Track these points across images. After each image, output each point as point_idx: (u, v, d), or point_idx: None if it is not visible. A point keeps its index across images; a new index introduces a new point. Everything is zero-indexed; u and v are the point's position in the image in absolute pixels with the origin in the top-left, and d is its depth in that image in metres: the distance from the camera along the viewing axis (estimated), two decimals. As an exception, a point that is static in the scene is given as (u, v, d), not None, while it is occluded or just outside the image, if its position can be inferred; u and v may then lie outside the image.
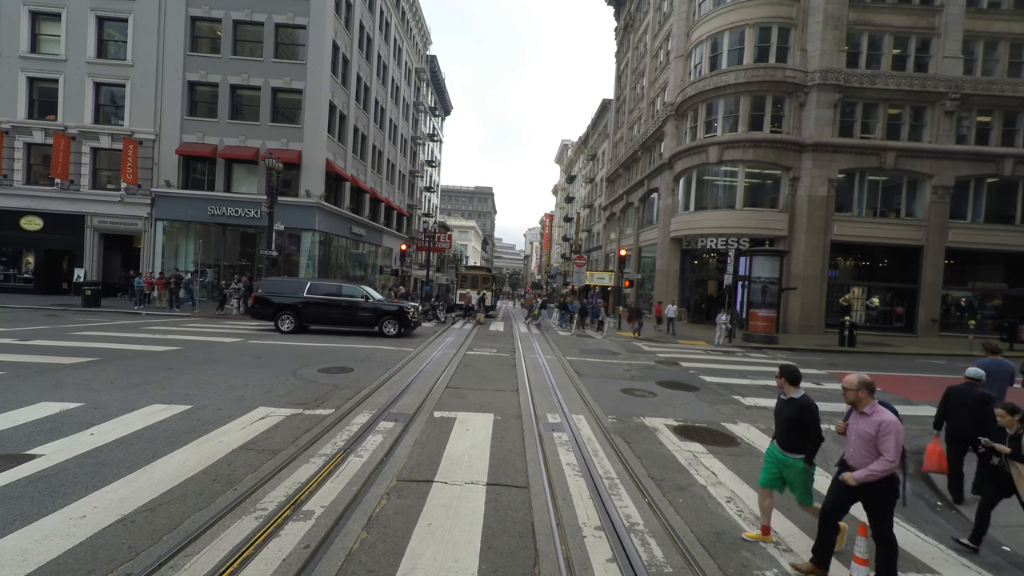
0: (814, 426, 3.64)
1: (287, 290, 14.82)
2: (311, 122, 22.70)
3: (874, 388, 3.45)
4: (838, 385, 10.50)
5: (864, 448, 3.35)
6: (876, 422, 3.30)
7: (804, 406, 3.69)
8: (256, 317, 14.83)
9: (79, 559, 3.12)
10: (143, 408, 6.29)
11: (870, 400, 3.42)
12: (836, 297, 21.98)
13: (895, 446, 3.21)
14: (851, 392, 3.44)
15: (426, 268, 38.11)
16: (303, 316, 14.58)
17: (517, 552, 3.47)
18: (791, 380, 3.79)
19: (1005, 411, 4.04)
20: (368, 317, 14.83)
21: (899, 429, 3.26)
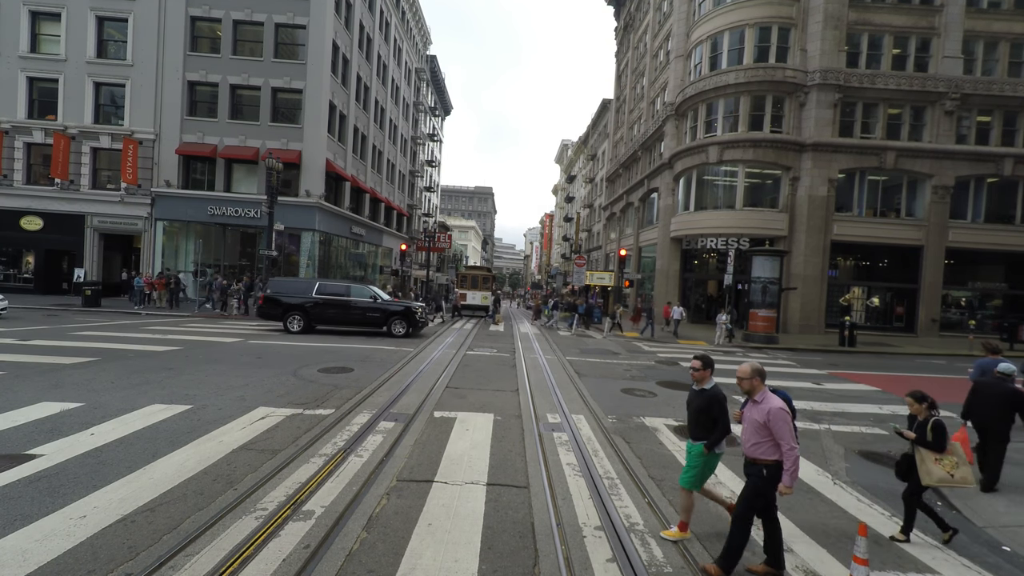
0: (722, 416, 3.66)
1: (296, 290, 14.86)
2: (311, 122, 22.70)
3: (765, 376, 3.52)
4: (838, 385, 10.55)
5: (756, 435, 3.39)
6: (765, 409, 3.35)
7: (713, 396, 3.71)
8: (265, 317, 14.83)
9: (79, 559, 3.12)
10: (143, 408, 6.29)
11: (762, 388, 3.47)
12: (836, 297, 21.97)
13: (789, 432, 3.26)
14: (746, 381, 3.48)
15: (426, 268, 38.11)
16: (312, 316, 14.62)
17: (517, 552, 3.47)
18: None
19: (913, 399, 4.19)
20: (377, 317, 14.87)
21: (786, 416, 3.30)
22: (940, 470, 3.95)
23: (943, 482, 3.95)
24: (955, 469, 3.95)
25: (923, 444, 4.03)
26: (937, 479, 3.95)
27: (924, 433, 4.05)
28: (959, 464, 3.97)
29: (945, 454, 3.99)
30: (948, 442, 4.00)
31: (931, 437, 3.99)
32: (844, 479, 5.23)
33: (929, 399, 4.16)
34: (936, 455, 4.00)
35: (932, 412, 4.10)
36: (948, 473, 3.94)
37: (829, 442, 6.51)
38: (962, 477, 3.96)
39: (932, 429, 4.00)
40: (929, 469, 3.98)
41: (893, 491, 5.03)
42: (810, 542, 3.85)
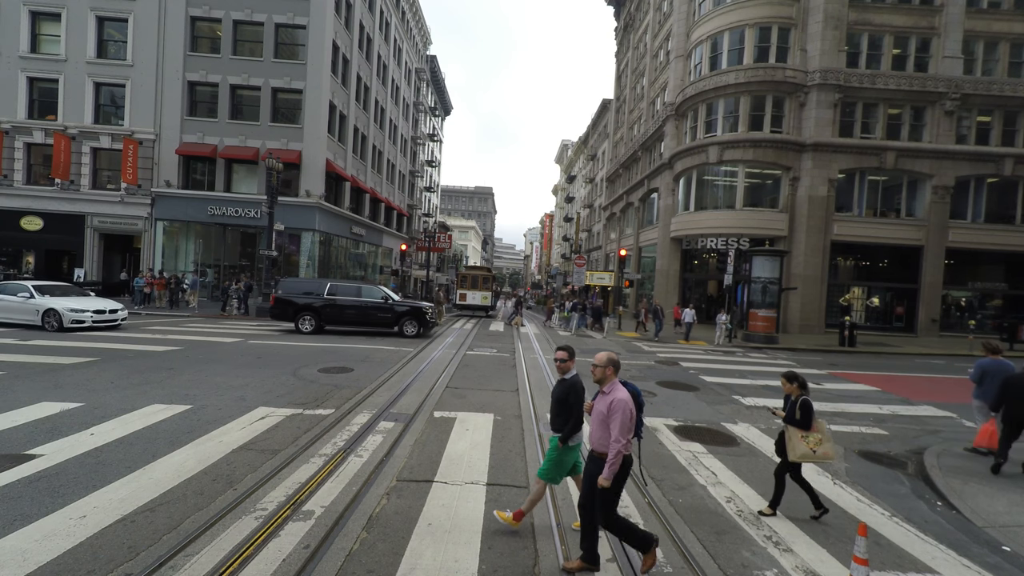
0: (577, 406, 3.59)
1: (307, 291, 14.86)
2: (311, 122, 22.70)
3: (619, 367, 3.41)
4: (838, 385, 10.54)
5: (599, 427, 3.28)
6: (609, 400, 3.24)
7: (571, 385, 3.64)
8: (276, 318, 14.78)
9: (79, 559, 3.12)
10: (143, 408, 6.29)
11: (613, 379, 3.36)
12: (836, 297, 21.98)
13: (621, 426, 3.11)
14: (598, 369, 3.38)
15: (426, 268, 38.12)
16: (323, 317, 14.62)
17: (517, 552, 3.47)
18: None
19: (785, 379, 4.39)
20: (388, 318, 14.88)
21: (627, 408, 3.15)
22: (804, 446, 4.16)
23: (806, 457, 4.16)
24: (818, 446, 4.17)
25: (792, 422, 4.25)
26: (800, 454, 4.17)
27: (794, 411, 4.26)
28: (823, 441, 4.18)
29: (811, 432, 4.21)
30: (814, 421, 4.23)
31: (799, 415, 4.22)
32: (844, 479, 5.22)
33: (800, 379, 4.35)
34: (802, 432, 4.21)
35: (803, 392, 4.31)
36: (811, 449, 4.15)
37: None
38: (824, 453, 4.17)
39: (800, 408, 4.22)
40: (795, 445, 4.21)
41: (893, 491, 5.04)
42: (810, 542, 3.85)
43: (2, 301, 12.51)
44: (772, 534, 3.94)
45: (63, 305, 12.31)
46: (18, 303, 12.46)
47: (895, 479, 5.37)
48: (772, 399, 8.84)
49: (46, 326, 12.22)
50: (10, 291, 12.71)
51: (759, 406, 8.29)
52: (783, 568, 3.47)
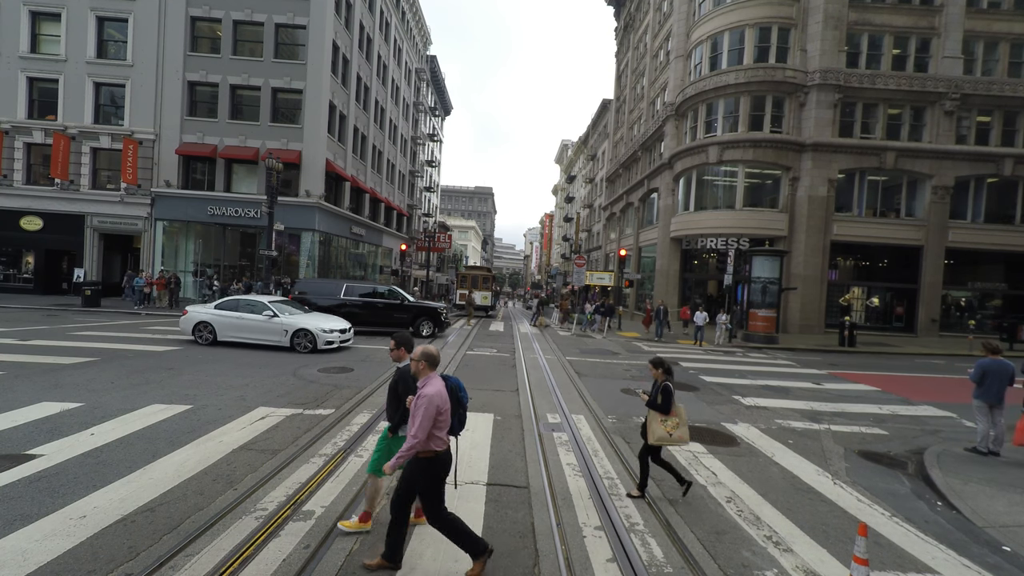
0: (405, 396, 3.53)
1: (324, 292, 14.91)
2: (311, 122, 22.69)
3: (436, 363, 3.26)
4: (838, 385, 10.54)
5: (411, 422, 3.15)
6: (417, 395, 3.12)
7: (401, 374, 3.58)
8: None
9: (79, 559, 3.12)
10: (143, 408, 6.29)
11: (428, 373, 3.23)
12: (836, 297, 21.98)
13: (420, 421, 2.99)
14: (413, 363, 3.26)
15: (426, 268, 38.13)
16: (341, 318, 14.57)
17: (517, 552, 3.47)
18: (408, 348, 3.60)
19: (652, 364, 4.56)
20: (404, 318, 15.00)
21: (429, 403, 3.02)
22: (662, 429, 4.36)
23: (662, 440, 4.35)
24: (675, 429, 4.38)
25: (654, 406, 4.44)
26: (657, 437, 4.36)
27: (656, 396, 4.45)
28: (679, 425, 4.40)
29: (669, 416, 4.41)
30: (673, 406, 4.43)
31: (660, 400, 4.41)
32: (844, 479, 5.22)
33: (666, 365, 4.51)
34: (662, 416, 4.41)
35: (667, 377, 4.49)
36: (668, 432, 4.35)
37: (829, 442, 6.51)
38: (679, 436, 4.38)
39: (661, 392, 4.42)
40: (653, 429, 4.40)
41: (893, 491, 5.04)
42: (810, 542, 3.85)
43: (244, 320, 11.38)
44: (772, 534, 3.94)
45: (315, 325, 11.30)
46: (262, 322, 11.34)
47: (895, 479, 5.37)
48: (772, 399, 8.85)
49: (297, 347, 11.15)
50: (254, 309, 11.55)
51: (759, 406, 8.29)
52: (783, 568, 3.47)
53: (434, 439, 3.09)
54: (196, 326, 11.47)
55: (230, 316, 11.46)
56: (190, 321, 11.55)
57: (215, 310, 11.63)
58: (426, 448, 3.07)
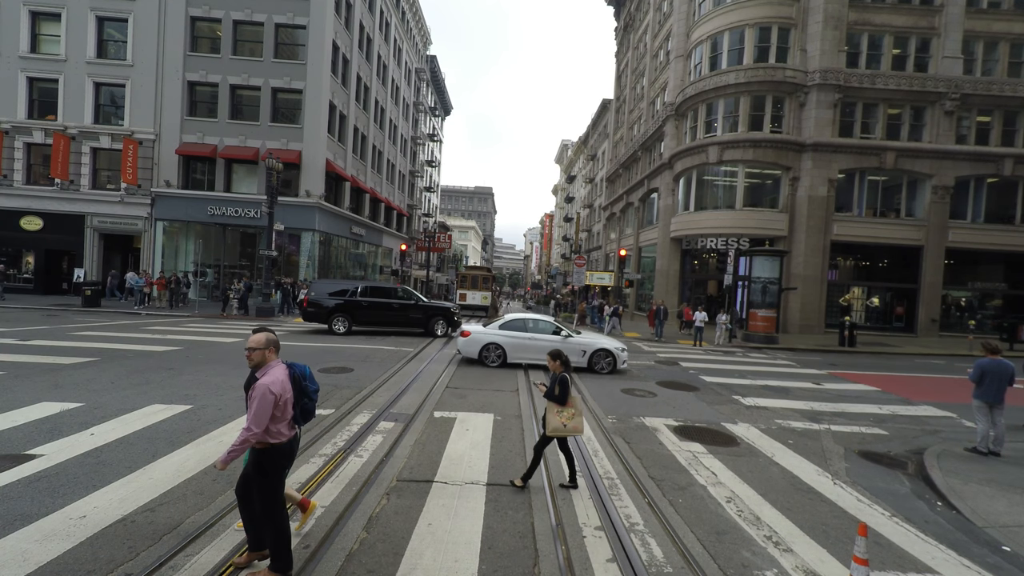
0: None
1: (339, 292, 14.96)
2: (311, 122, 22.70)
3: (278, 347, 3.12)
4: (838, 385, 10.54)
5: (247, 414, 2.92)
6: (254, 384, 2.91)
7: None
8: (309, 320, 14.78)
9: (79, 559, 3.12)
10: (143, 408, 6.29)
11: (272, 360, 3.05)
12: (836, 297, 21.97)
13: (256, 412, 2.81)
14: (259, 352, 3.03)
15: (426, 268, 38.14)
16: (357, 318, 14.73)
17: (517, 552, 3.47)
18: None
19: (550, 356, 4.61)
20: (419, 318, 15.20)
21: (266, 392, 2.84)
22: (557, 420, 4.39)
23: (557, 431, 4.38)
24: (570, 420, 4.42)
25: (551, 398, 4.47)
26: (552, 428, 4.39)
27: (553, 387, 4.48)
28: (575, 415, 4.45)
29: (566, 407, 4.45)
30: (570, 397, 4.46)
31: (557, 391, 4.44)
32: (844, 479, 5.22)
33: (563, 357, 4.58)
34: (558, 407, 4.44)
35: (565, 369, 4.53)
36: (563, 423, 4.39)
37: (829, 442, 6.51)
38: (574, 427, 4.42)
39: (558, 383, 4.45)
40: (549, 420, 4.43)
41: (893, 491, 5.04)
42: (810, 542, 3.85)
43: (536, 340, 10.71)
44: (772, 534, 3.94)
45: (614, 345, 10.84)
46: (557, 342, 10.69)
47: (895, 479, 5.37)
48: (772, 399, 8.85)
49: (596, 368, 10.58)
50: (544, 329, 11.05)
51: (759, 406, 8.29)
52: (783, 568, 3.47)
53: (271, 432, 2.90)
54: (484, 348, 10.73)
55: (520, 337, 10.78)
56: (476, 343, 10.75)
57: (504, 331, 10.92)
58: (262, 440, 2.89)
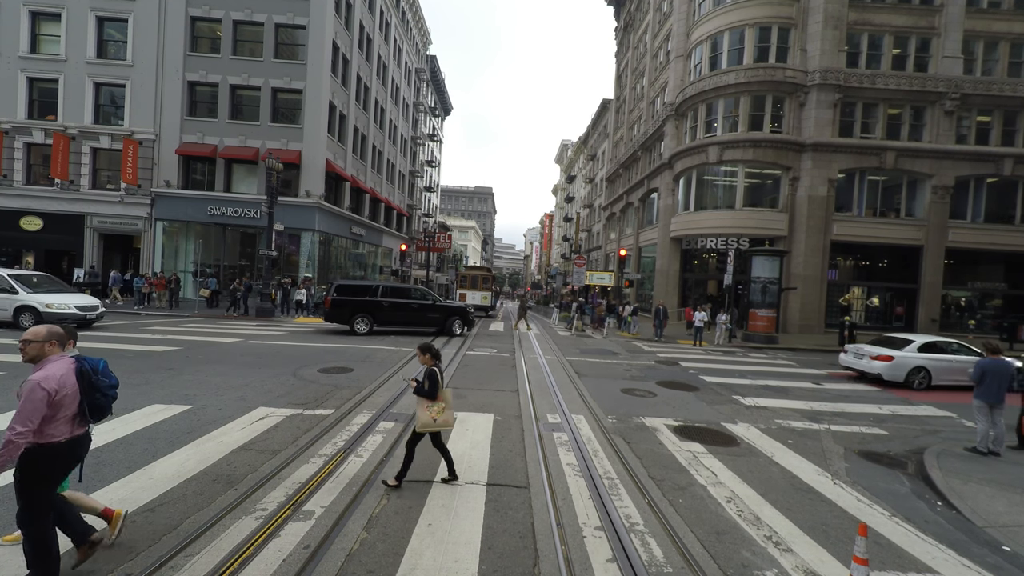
0: None
1: (360, 293, 15.22)
2: (311, 122, 22.70)
3: (66, 341, 2.87)
4: (838, 385, 10.54)
5: None
6: (27, 380, 2.63)
7: None
8: (330, 320, 14.91)
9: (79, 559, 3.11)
10: (143, 408, 6.29)
11: (55, 352, 2.80)
12: (836, 297, 21.97)
13: (21, 410, 2.54)
14: (35, 345, 2.77)
15: (426, 268, 38.14)
16: (378, 318, 14.94)
17: (517, 552, 3.47)
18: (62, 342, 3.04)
19: (419, 350, 4.54)
20: (436, 317, 15.54)
21: (35, 388, 2.58)
22: (427, 415, 4.31)
23: (428, 427, 4.30)
24: (440, 414, 4.35)
25: (421, 393, 4.37)
26: (422, 424, 4.30)
27: (423, 382, 4.39)
28: (445, 409, 4.39)
29: (436, 401, 4.37)
30: (440, 391, 4.39)
31: (426, 386, 4.36)
32: (844, 479, 5.22)
33: (433, 350, 4.50)
34: (428, 402, 4.35)
35: (434, 362, 4.46)
36: (432, 418, 4.32)
37: (829, 442, 6.51)
38: (444, 420, 4.36)
39: (427, 377, 4.38)
40: (420, 415, 4.34)
41: (893, 491, 5.04)
42: (810, 542, 3.85)
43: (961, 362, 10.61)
44: (772, 534, 3.94)
45: None
46: None
47: (895, 479, 5.37)
48: (772, 399, 8.85)
49: None
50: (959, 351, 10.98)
51: (759, 406, 8.30)
52: (783, 568, 3.47)
53: (45, 432, 2.66)
54: (911, 372, 10.69)
55: (947, 360, 10.80)
56: (902, 367, 10.69)
57: (928, 354, 10.85)
58: (34, 442, 2.64)
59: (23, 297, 12.08)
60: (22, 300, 12.03)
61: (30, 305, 11.99)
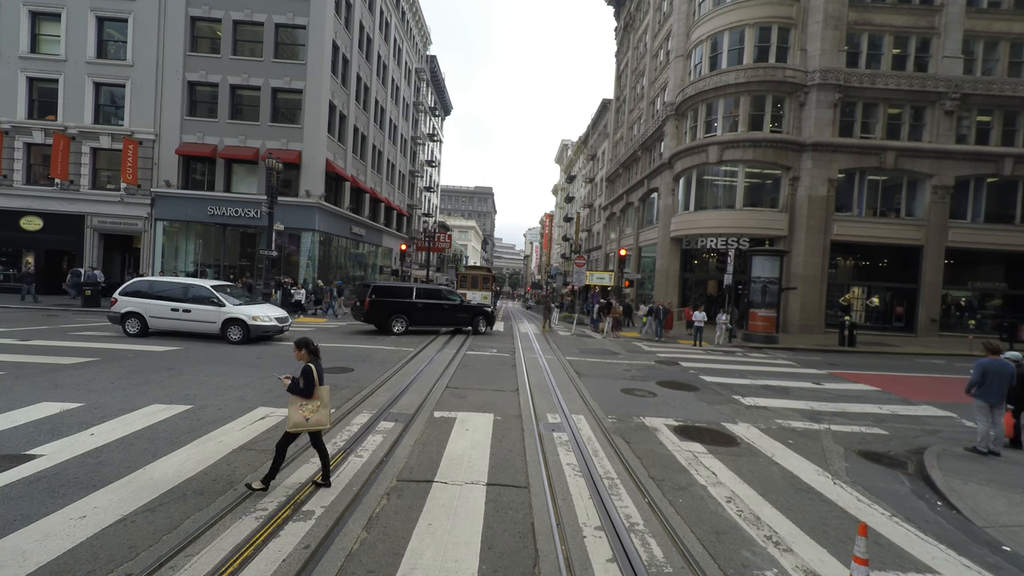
0: None
1: (398, 294, 15.83)
2: (311, 122, 22.70)
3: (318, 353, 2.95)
4: (838, 385, 10.54)
5: None
6: None
7: None
8: (368, 321, 15.24)
9: (79, 559, 3.12)
10: (143, 408, 6.29)
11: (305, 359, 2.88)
12: (836, 297, 21.95)
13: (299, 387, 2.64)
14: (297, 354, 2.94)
15: (426, 268, 38.15)
16: (414, 319, 15.35)
17: (517, 552, 3.47)
18: None
19: (295, 346, 4.26)
20: (465, 317, 16.43)
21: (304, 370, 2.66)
22: (299, 415, 4.10)
23: (299, 426, 4.08)
24: (313, 413, 4.14)
25: (295, 391, 4.12)
26: (293, 423, 4.08)
27: (297, 380, 4.13)
28: (319, 408, 4.17)
29: (311, 400, 4.15)
30: (316, 388, 4.17)
31: (301, 383, 4.10)
32: (844, 479, 5.22)
33: (311, 346, 4.25)
34: (302, 400, 4.13)
35: (312, 359, 4.22)
36: (305, 417, 4.10)
37: (829, 442, 6.51)
38: (317, 420, 4.15)
39: (303, 375, 4.14)
40: (291, 414, 4.10)
41: (893, 491, 5.04)
42: (810, 542, 3.85)
43: None
44: (772, 534, 3.94)
45: None
46: None
47: (895, 479, 5.37)
48: (772, 399, 8.85)
49: None
50: None
51: (759, 406, 8.29)
52: (783, 568, 3.47)
53: None
54: None
55: None
56: None
57: None
58: None
59: (230, 310, 12.01)
60: (230, 313, 11.97)
61: (238, 318, 11.93)
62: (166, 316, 11.99)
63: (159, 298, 12.07)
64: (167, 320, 12.01)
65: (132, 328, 11.95)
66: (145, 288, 12.25)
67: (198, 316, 11.97)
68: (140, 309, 11.94)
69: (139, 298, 12.05)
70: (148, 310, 11.95)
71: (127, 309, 11.95)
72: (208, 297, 12.11)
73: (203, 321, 11.97)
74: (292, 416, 4.11)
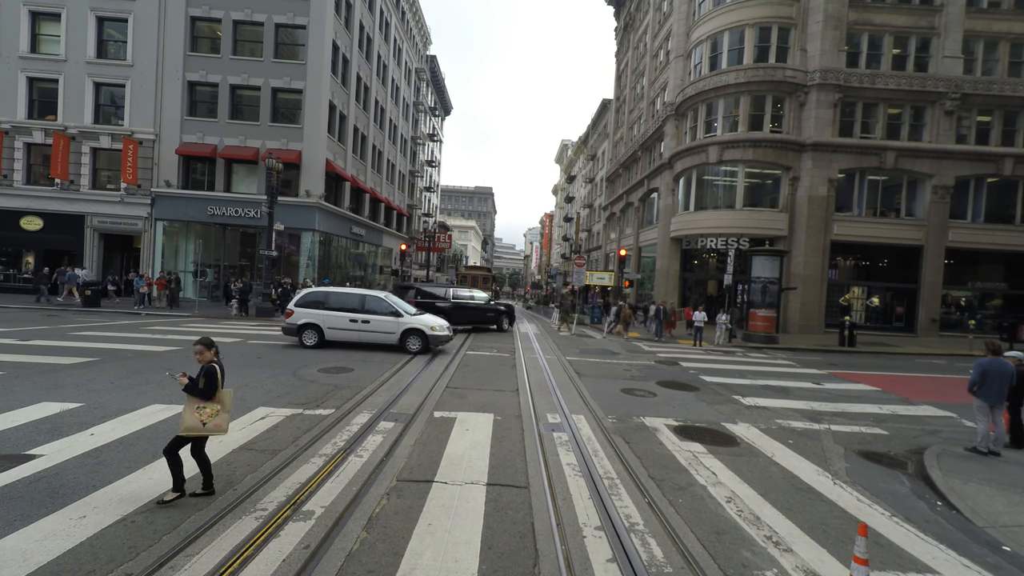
0: None
1: (436, 295, 17.37)
2: (311, 122, 22.69)
3: None
4: (838, 385, 10.55)
5: None
6: None
7: None
8: None
9: (79, 559, 3.12)
10: (143, 408, 6.29)
11: None
12: (836, 297, 21.95)
13: None
14: None
15: (426, 268, 38.15)
16: (452, 318, 15.78)
17: (517, 552, 3.47)
18: None
19: (203, 345, 4.02)
20: (493, 316, 18.03)
21: None
22: (195, 418, 3.88)
23: (193, 430, 3.87)
24: (212, 418, 3.92)
25: (193, 392, 3.88)
26: (187, 427, 3.87)
27: (196, 381, 3.91)
28: (219, 412, 3.96)
29: (211, 402, 3.94)
30: (218, 391, 3.96)
31: (201, 384, 3.89)
32: (844, 479, 5.22)
33: (215, 347, 4.05)
34: (199, 403, 3.91)
35: (215, 359, 4.01)
36: (202, 422, 3.88)
37: (829, 442, 6.51)
38: (216, 425, 3.93)
39: (204, 375, 3.91)
40: (186, 417, 3.87)
41: (893, 491, 5.04)
42: (810, 542, 3.85)
43: None
44: (772, 534, 3.94)
45: None
46: None
47: (895, 479, 5.37)
48: (772, 399, 8.85)
49: None
50: None
51: (759, 406, 8.29)
52: (783, 568, 3.47)
53: None
54: None
55: None
56: None
57: None
58: None
59: (408, 320, 12.01)
60: (408, 323, 11.96)
61: (417, 328, 11.88)
62: (344, 327, 11.87)
63: (336, 309, 11.97)
64: (345, 331, 11.89)
65: (310, 340, 11.78)
66: (321, 298, 12.14)
67: (377, 327, 11.86)
68: (319, 321, 11.80)
69: (316, 309, 11.94)
70: (326, 321, 11.83)
71: (304, 321, 11.79)
72: (387, 308, 12.07)
73: (382, 332, 11.88)
74: (187, 419, 3.86)
